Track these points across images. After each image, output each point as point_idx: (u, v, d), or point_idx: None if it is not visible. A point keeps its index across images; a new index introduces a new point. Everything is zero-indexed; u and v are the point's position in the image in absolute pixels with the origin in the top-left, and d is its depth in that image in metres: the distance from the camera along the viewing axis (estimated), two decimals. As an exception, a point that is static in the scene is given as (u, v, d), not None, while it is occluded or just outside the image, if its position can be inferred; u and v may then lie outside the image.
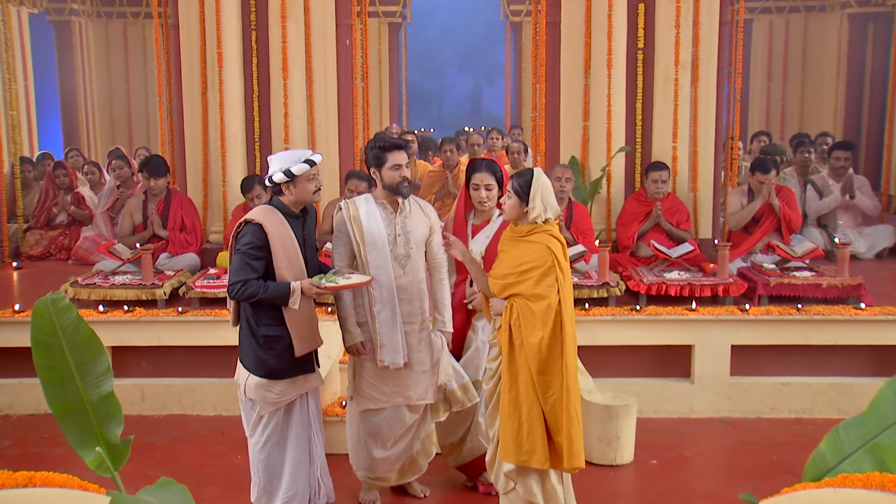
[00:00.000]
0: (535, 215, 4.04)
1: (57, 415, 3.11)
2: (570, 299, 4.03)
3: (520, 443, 4.02)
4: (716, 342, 6.16)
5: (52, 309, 3.09)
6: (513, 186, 4.08)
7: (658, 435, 5.84)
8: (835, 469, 2.90)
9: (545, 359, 3.95)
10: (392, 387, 4.52)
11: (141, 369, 6.38)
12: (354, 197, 4.62)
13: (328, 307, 6.20)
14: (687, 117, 7.24)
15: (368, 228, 4.42)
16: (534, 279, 3.98)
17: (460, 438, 4.85)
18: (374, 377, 4.52)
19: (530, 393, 4.00)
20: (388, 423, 4.58)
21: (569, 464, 3.97)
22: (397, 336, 4.44)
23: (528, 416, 4.00)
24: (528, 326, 3.98)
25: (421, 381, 4.54)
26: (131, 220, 7.32)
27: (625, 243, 7.02)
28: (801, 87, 13.44)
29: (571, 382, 3.96)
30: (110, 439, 3.13)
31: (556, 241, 4.02)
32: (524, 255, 4.04)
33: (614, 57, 7.16)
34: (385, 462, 4.65)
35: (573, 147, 7.48)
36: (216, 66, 7.25)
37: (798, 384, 6.18)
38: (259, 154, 7.50)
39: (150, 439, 5.82)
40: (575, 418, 3.95)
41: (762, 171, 7.15)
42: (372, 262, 4.41)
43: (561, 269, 3.98)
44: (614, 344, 6.17)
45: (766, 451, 5.62)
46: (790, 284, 6.36)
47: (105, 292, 6.44)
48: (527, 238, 4.06)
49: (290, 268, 4.14)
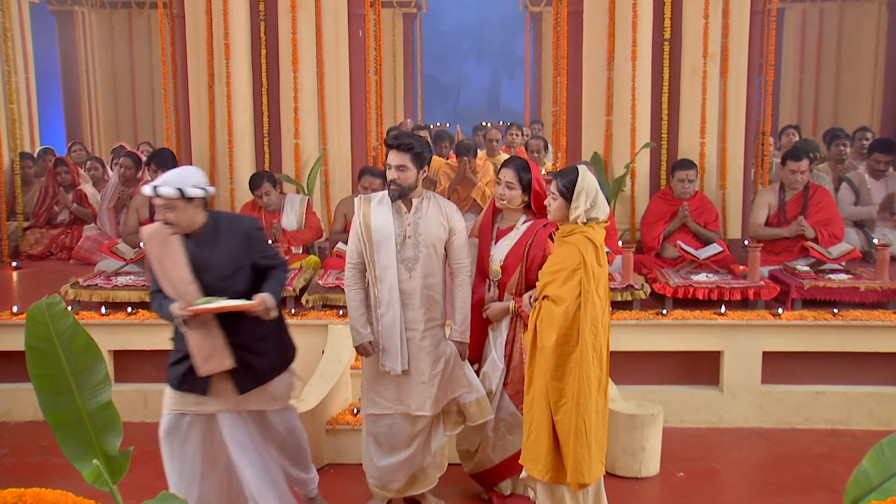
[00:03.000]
0: (577, 215, 4.02)
1: (52, 425, 3.07)
2: (597, 307, 3.98)
3: (529, 448, 4.06)
4: (746, 348, 6.09)
5: (47, 313, 3.04)
6: (557, 187, 4.07)
7: (685, 446, 5.78)
8: (879, 488, 2.81)
9: (557, 364, 3.95)
10: (393, 393, 4.51)
11: (144, 374, 6.35)
12: (370, 194, 4.56)
13: (339, 310, 6.16)
14: (715, 112, 7.17)
15: (376, 227, 4.38)
16: (560, 280, 3.98)
17: (475, 448, 4.84)
18: (376, 381, 4.52)
19: (542, 400, 4.00)
20: (388, 430, 4.56)
21: (571, 477, 3.96)
22: (398, 342, 4.40)
23: (536, 422, 4.02)
24: (545, 329, 3.98)
25: (418, 392, 4.49)
26: (137, 216, 7.32)
27: (650, 244, 6.95)
28: (835, 79, 13.29)
29: (584, 394, 3.92)
30: (108, 451, 3.08)
31: (588, 243, 3.99)
32: (559, 256, 4.06)
33: (639, 48, 7.10)
34: (388, 469, 4.60)
35: (596, 143, 7.42)
36: (223, 59, 7.24)
37: (834, 393, 6.10)
38: (268, 150, 7.50)
39: (152, 448, 5.72)
40: (582, 431, 3.92)
41: (794, 159, 7.00)
42: (378, 262, 4.38)
43: (588, 273, 3.94)
44: (639, 350, 6.10)
45: (801, 464, 5.54)
46: (825, 288, 6.28)
47: (107, 294, 6.43)
48: (566, 239, 4.06)
49: (171, 288, 4.06)
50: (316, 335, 6.12)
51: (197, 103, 7.51)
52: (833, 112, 13.24)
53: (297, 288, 6.43)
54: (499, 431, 4.72)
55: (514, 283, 4.57)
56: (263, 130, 7.48)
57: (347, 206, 7.23)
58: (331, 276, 6.49)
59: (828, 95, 13.39)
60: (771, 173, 8.54)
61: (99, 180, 9.33)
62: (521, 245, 4.55)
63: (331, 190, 7.73)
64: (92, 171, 9.46)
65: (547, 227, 4.51)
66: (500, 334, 4.66)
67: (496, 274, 4.63)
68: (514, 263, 4.56)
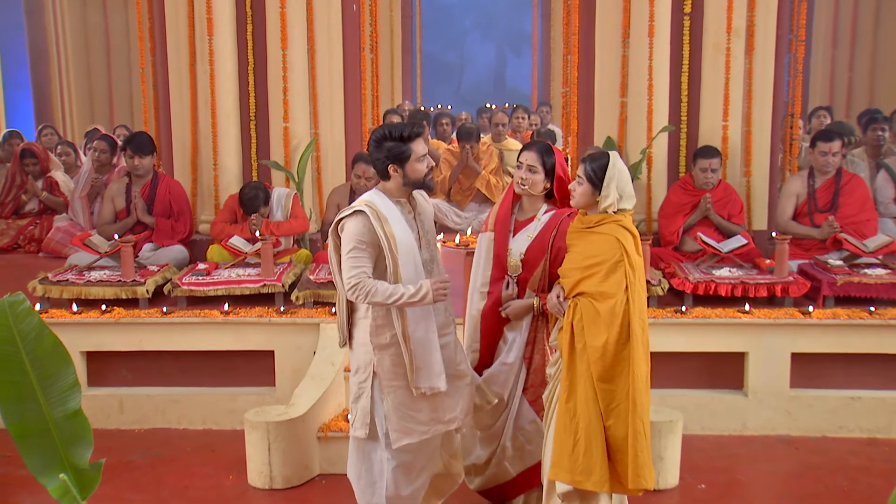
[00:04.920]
0: (608, 204, 4.03)
1: (15, 436, 3.03)
2: (642, 299, 4.02)
3: (575, 460, 4.01)
4: (773, 349, 6.07)
5: (10, 313, 2.99)
6: (585, 171, 4.06)
7: (707, 455, 5.77)
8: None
9: (610, 365, 3.94)
10: (428, 413, 4.28)
11: (120, 377, 6.34)
12: (366, 196, 4.27)
13: (332, 307, 6.15)
14: (740, 92, 7.13)
15: (400, 239, 4.15)
16: (601, 275, 3.97)
17: (485, 461, 4.78)
18: (408, 406, 4.24)
19: (590, 405, 3.99)
20: (418, 451, 4.33)
21: (633, 484, 3.96)
22: (435, 355, 4.22)
23: (585, 430, 4.00)
24: (591, 328, 3.97)
25: (455, 400, 4.35)
26: (113, 205, 7.29)
27: (668, 238, 6.91)
28: (871, 57, 13.21)
29: (639, 393, 3.94)
30: (77, 464, 3.05)
31: (626, 233, 4.01)
32: (592, 248, 4.04)
33: (657, 24, 7.03)
34: (410, 498, 4.41)
35: (609, 127, 7.37)
36: (206, 35, 7.19)
37: (871, 399, 6.07)
38: (255, 134, 7.47)
39: (128, 457, 5.78)
40: (641, 433, 3.94)
41: (824, 140, 6.94)
42: (404, 275, 4.14)
43: (631, 264, 3.97)
44: (656, 350, 5.88)
45: (834, 476, 5.51)
46: (860, 284, 6.23)
47: (79, 290, 6.39)
48: (595, 229, 4.06)
49: None
50: (307, 334, 6.12)
51: (177, 83, 7.47)
52: (869, 92, 13.17)
53: (287, 283, 6.42)
54: (517, 441, 4.67)
55: (536, 278, 4.53)
56: (250, 113, 7.44)
57: (341, 195, 7.20)
58: (323, 270, 6.46)
59: (863, 74, 13.31)
60: (800, 159, 8.49)
61: (71, 166, 9.28)
62: (545, 236, 4.51)
63: (323, 177, 7.71)
64: (63, 156, 9.40)
65: (572, 216, 4.44)
66: (519, 334, 4.61)
67: (516, 269, 4.58)
68: (537, 257, 4.51)
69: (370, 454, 4.35)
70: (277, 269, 6.59)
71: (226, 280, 6.43)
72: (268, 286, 6.37)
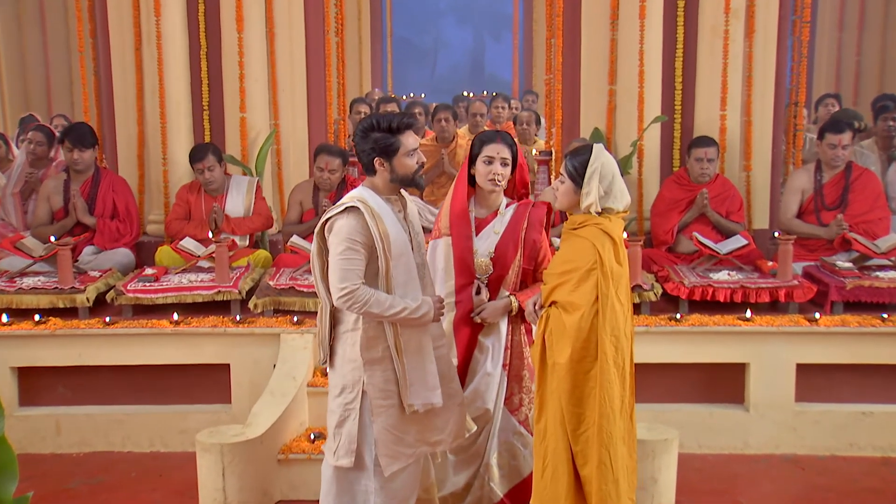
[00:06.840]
0: (589, 203, 3.99)
1: (-71, 467, 2.96)
2: (617, 313, 3.94)
3: (544, 487, 4.01)
4: (777, 360, 6.09)
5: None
6: (566, 168, 4.05)
7: (705, 476, 5.78)
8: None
9: (574, 385, 3.91)
10: (415, 434, 4.22)
11: (56, 395, 6.30)
12: (355, 192, 4.18)
13: (294, 315, 6.13)
14: (739, 79, 7.18)
15: (394, 237, 4.09)
16: (572, 283, 3.95)
17: (463, 487, 4.72)
18: (398, 427, 4.17)
19: (558, 427, 3.97)
20: (410, 480, 4.27)
21: None
22: (430, 368, 4.17)
23: (553, 454, 3.99)
24: (559, 342, 3.95)
25: (454, 417, 4.31)
26: (48, 204, 7.24)
27: (662, 238, 6.93)
28: (881, 39, 13.28)
29: (607, 419, 3.89)
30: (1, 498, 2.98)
31: (605, 238, 3.96)
32: (569, 253, 4.03)
33: (648, 4, 7.07)
34: None
35: (596, 117, 7.40)
36: (152, 15, 7.17)
37: (884, 414, 6.09)
38: (208, 125, 7.48)
39: (66, 485, 5.74)
40: (606, 465, 3.89)
41: (834, 131, 6.95)
42: (396, 278, 4.08)
43: (605, 273, 3.91)
44: (649, 361, 6.03)
45: (845, 498, 5.52)
46: (872, 288, 6.27)
47: (10, 298, 6.34)
48: (577, 232, 4.03)
49: None
50: (266, 346, 6.09)
51: (121, 69, 7.43)
52: (878, 77, 13.24)
53: (244, 290, 6.39)
54: (503, 458, 4.66)
55: (511, 277, 4.54)
56: (203, 102, 7.44)
57: (303, 191, 7.17)
58: (284, 275, 6.44)
59: (872, 58, 13.38)
60: (805, 151, 8.53)
61: (2, 160, 9.17)
62: (515, 230, 4.52)
63: (284, 172, 7.72)
64: (-6, 150, 9.31)
65: (537, 205, 4.49)
66: (497, 339, 4.60)
67: (486, 270, 4.57)
68: (509, 253, 4.51)
69: (353, 484, 4.24)
70: (233, 273, 6.55)
71: (176, 286, 6.38)
72: (223, 293, 6.33)
